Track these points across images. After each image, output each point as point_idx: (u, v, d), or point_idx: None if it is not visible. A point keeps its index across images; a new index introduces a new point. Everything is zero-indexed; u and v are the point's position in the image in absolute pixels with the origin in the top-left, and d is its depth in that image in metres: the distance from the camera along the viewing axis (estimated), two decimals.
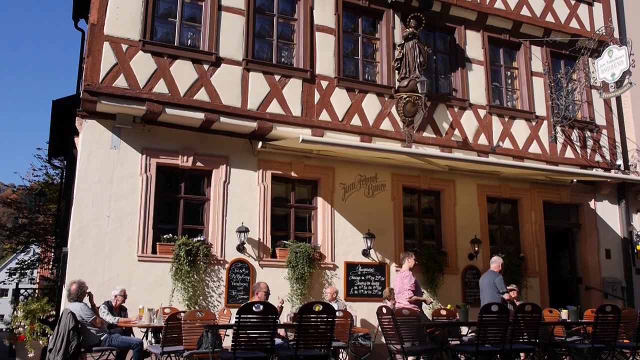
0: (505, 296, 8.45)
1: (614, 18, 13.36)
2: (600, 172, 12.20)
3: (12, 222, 24.62)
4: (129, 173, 8.87)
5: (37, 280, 23.79)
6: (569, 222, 12.87)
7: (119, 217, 8.68)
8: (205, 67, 9.28)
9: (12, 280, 20.71)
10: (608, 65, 11.91)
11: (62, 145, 14.81)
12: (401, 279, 8.57)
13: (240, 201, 9.52)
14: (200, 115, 9.04)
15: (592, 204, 12.74)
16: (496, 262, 8.94)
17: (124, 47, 8.75)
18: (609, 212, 12.84)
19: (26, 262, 22.05)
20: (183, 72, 9.08)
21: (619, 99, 13.15)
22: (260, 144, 9.64)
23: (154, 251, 8.86)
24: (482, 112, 11.48)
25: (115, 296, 7.83)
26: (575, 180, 12.18)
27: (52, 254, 19.33)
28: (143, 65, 8.82)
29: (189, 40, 9.51)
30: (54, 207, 20.34)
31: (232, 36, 9.57)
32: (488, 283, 8.61)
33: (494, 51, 12.16)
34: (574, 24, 12.86)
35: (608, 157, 12.72)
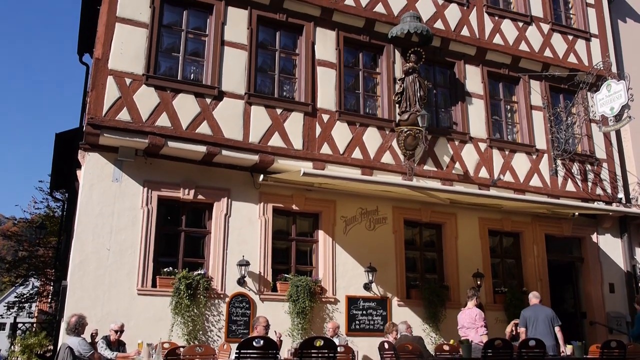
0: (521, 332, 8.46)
1: (611, 53, 13.54)
2: (601, 205, 12.18)
3: (12, 255, 24.55)
4: (130, 206, 8.87)
5: (36, 314, 23.58)
6: (572, 256, 12.79)
7: (119, 250, 8.65)
8: (208, 100, 9.37)
9: (10, 314, 20.52)
10: (607, 99, 12.02)
11: (64, 178, 14.88)
12: (471, 316, 8.60)
13: (241, 234, 9.49)
14: (202, 149, 9.09)
15: (594, 237, 12.68)
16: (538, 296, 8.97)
17: (128, 81, 8.86)
18: (611, 246, 12.78)
19: (25, 296, 21.91)
20: (186, 106, 9.17)
21: (618, 133, 13.22)
22: (261, 177, 9.66)
23: (153, 285, 8.79)
24: (482, 146, 11.54)
25: (114, 331, 7.74)
26: (576, 213, 12.16)
27: (51, 288, 19.20)
28: (146, 98, 8.91)
29: (192, 75, 9.63)
30: (54, 240, 20.30)
31: (234, 70, 9.70)
32: (545, 317, 8.47)
33: (493, 85, 12.29)
34: (572, 58, 13.02)
35: (609, 191, 12.73)
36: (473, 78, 11.90)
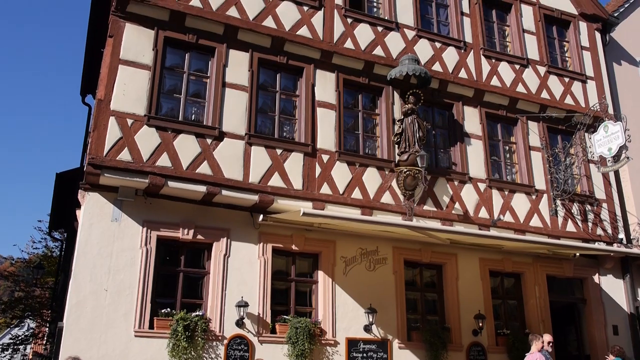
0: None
1: (607, 95, 13.72)
2: (602, 245, 12.13)
3: (8, 296, 24.29)
4: (129, 246, 8.82)
5: (30, 357, 23.16)
6: (574, 297, 12.65)
7: (116, 291, 8.56)
8: (209, 141, 9.44)
9: (4, 356, 20.17)
10: (604, 140, 12.13)
11: (64, 217, 14.86)
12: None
13: (240, 275, 9.41)
14: (202, 189, 9.11)
15: (596, 278, 12.58)
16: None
17: (129, 121, 8.95)
18: (614, 287, 12.66)
19: (20, 337, 21.55)
20: (186, 146, 9.24)
21: (617, 173, 13.27)
22: (261, 217, 9.65)
23: (151, 326, 8.67)
24: (482, 186, 11.57)
25: None
26: (577, 254, 12.10)
27: (47, 329, 18.93)
28: (147, 139, 8.98)
29: (193, 115, 9.74)
30: (51, 280, 20.13)
31: (235, 111, 9.81)
32: None
33: (491, 126, 12.40)
34: (568, 100, 13.19)
35: (610, 231, 12.69)
36: (471, 119, 12.02)
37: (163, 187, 8.90)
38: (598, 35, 14.37)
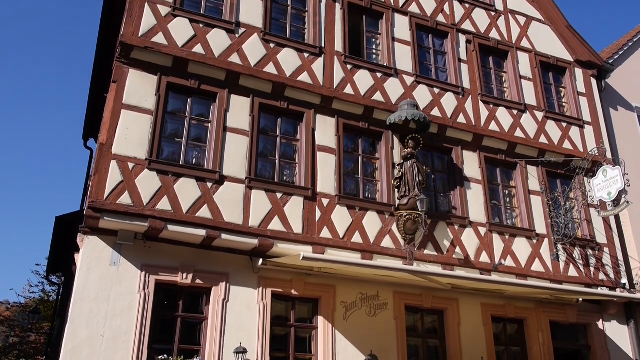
0: None
1: (605, 139, 13.84)
2: (605, 291, 12.01)
3: (3, 341, 23.86)
4: (127, 290, 8.72)
5: None
6: (578, 344, 12.43)
7: (113, 337, 8.42)
8: (209, 185, 9.47)
9: None
10: (604, 185, 12.17)
11: (62, 261, 14.76)
12: None
13: (239, 320, 9.28)
14: (202, 232, 9.08)
15: (600, 324, 12.39)
16: None
17: (131, 165, 9.00)
18: (618, 333, 12.45)
19: None
20: (187, 190, 9.26)
21: (617, 218, 13.26)
22: (260, 261, 9.58)
23: None
24: (482, 230, 11.54)
25: None
26: (581, 299, 11.95)
27: None
28: (148, 183, 9.01)
29: (194, 159, 9.79)
30: (47, 325, 19.82)
31: (236, 155, 9.87)
32: None
33: (491, 170, 12.46)
34: (567, 145, 13.30)
35: (612, 276, 12.58)
36: (471, 163, 12.09)
37: (163, 230, 8.87)
38: (594, 82, 14.60)
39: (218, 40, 10.39)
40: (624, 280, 12.65)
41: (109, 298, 8.58)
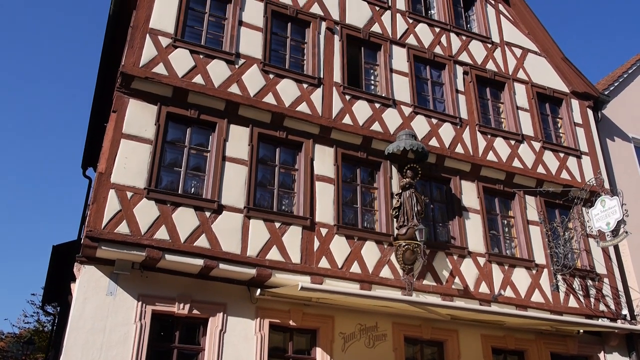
0: None
1: (602, 170, 13.89)
2: (606, 322, 11.90)
3: None
4: (123, 321, 8.63)
5: None
6: None
7: None
8: (207, 214, 9.46)
9: None
10: (602, 215, 12.16)
11: (58, 291, 14.63)
12: None
13: (236, 351, 9.15)
14: (200, 262, 9.02)
15: (601, 356, 12.24)
16: None
17: (129, 194, 8.99)
18: None
19: None
20: (185, 219, 9.24)
21: (617, 248, 13.22)
22: (258, 291, 9.51)
23: None
24: (481, 260, 11.49)
25: None
26: (581, 330, 11.84)
27: None
28: (146, 212, 8.99)
29: (193, 189, 9.80)
30: (41, 356, 19.54)
31: (234, 185, 9.88)
32: None
33: (489, 200, 12.47)
34: (564, 175, 13.35)
35: (613, 307, 12.48)
36: (469, 193, 12.10)
37: (160, 260, 8.82)
38: (590, 112, 14.73)
39: (218, 70, 10.51)
40: (625, 312, 12.55)
41: (105, 328, 8.48)
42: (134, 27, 10.15)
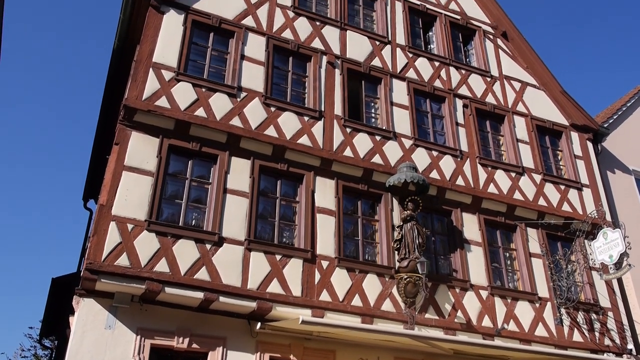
0: None
1: (603, 202, 13.87)
2: (612, 357, 11.73)
3: None
4: (121, 355, 8.51)
5: None
6: None
7: None
8: (208, 246, 9.42)
9: None
10: (604, 247, 12.09)
11: (56, 324, 14.46)
12: None
13: None
14: (200, 295, 8.95)
15: None
16: None
17: (130, 226, 8.98)
18: None
19: None
20: (185, 252, 9.20)
21: (620, 281, 13.11)
22: (259, 325, 9.39)
23: None
24: (484, 293, 11.38)
25: None
26: None
27: None
28: (147, 244, 8.96)
29: (193, 221, 9.78)
30: None
31: (235, 217, 9.87)
32: None
33: (491, 233, 12.42)
34: (566, 207, 13.32)
35: (618, 341, 12.31)
36: (470, 226, 12.07)
37: (160, 293, 8.74)
38: (590, 145, 14.79)
39: (220, 103, 10.61)
40: (630, 346, 12.37)
41: None
42: (138, 61, 10.29)
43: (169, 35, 10.80)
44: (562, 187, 13.64)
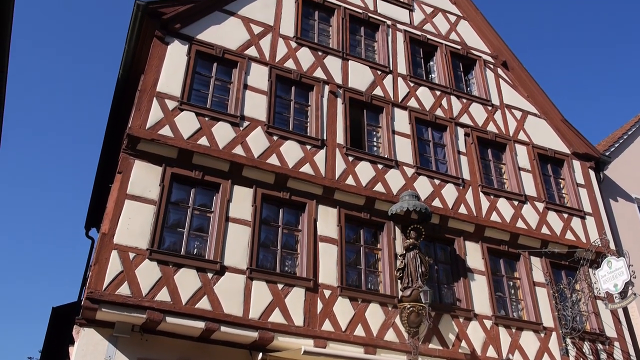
0: None
1: (607, 230, 13.80)
2: None
3: None
4: None
5: None
6: None
7: None
8: (210, 275, 9.37)
9: None
10: (609, 276, 11.98)
11: (55, 354, 14.31)
12: None
13: None
14: (201, 325, 8.86)
15: None
16: None
17: (131, 255, 8.95)
18: None
19: None
20: (187, 280, 9.14)
21: (626, 310, 12.96)
22: (260, 355, 9.28)
23: None
24: (488, 323, 11.25)
25: None
26: None
27: None
28: (148, 273, 8.92)
29: (195, 249, 9.75)
30: None
31: (237, 246, 9.83)
32: None
33: (494, 261, 12.34)
34: (569, 235, 13.26)
35: None
36: (473, 254, 12.00)
37: (161, 322, 8.67)
38: (592, 173, 14.79)
39: (223, 132, 10.68)
40: None
41: None
42: (142, 91, 10.41)
43: (173, 65, 10.93)
44: (565, 215, 13.60)
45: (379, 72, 13.40)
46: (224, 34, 11.89)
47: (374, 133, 12.74)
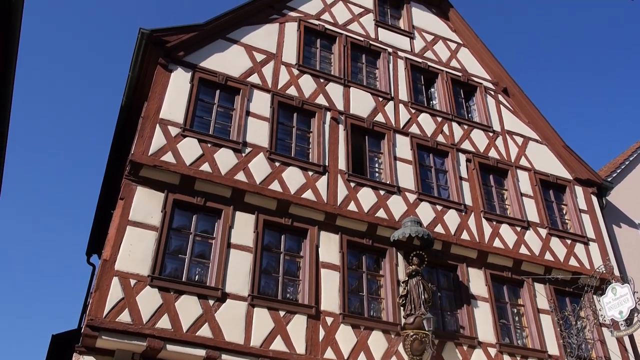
0: None
1: (611, 256, 13.70)
2: None
3: None
4: None
5: None
6: None
7: None
8: (211, 302, 9.30)
9: None
10: (614, 303, 11.84)
11: None
12: None
13: None
14: (202, 353, 8.76)
15: None
16: None
17: (132, 282, 8.90)
18: None
19: None
20: (188, 307, 9.07)
21: (632, 338, 12.78)
22: None
23: None
24: (492, 351, 11.10)
25: None
26: None
27: None
28: (149, 300, 8.86)
29: (197, 276, 9.69)
30: None
31: (239, 272, 9.78)
32: None
33: (497, 288, 12.23)
34: (573, 262, 13.16)
35: None
36: (476, 281, 11.90)
37: (161, 350, 8.57)
38: (595, 199, 14.75)
39: (225, 158, 10.71)
40: None
41: None
42: (145, 118, 10.48)
43: (176, 92, 11.03)
44: (569, 241, 13.53)
45: (381, 99, 13.50)
46: (227, 61, 12.02)
47: (376, 159, 12.77)
